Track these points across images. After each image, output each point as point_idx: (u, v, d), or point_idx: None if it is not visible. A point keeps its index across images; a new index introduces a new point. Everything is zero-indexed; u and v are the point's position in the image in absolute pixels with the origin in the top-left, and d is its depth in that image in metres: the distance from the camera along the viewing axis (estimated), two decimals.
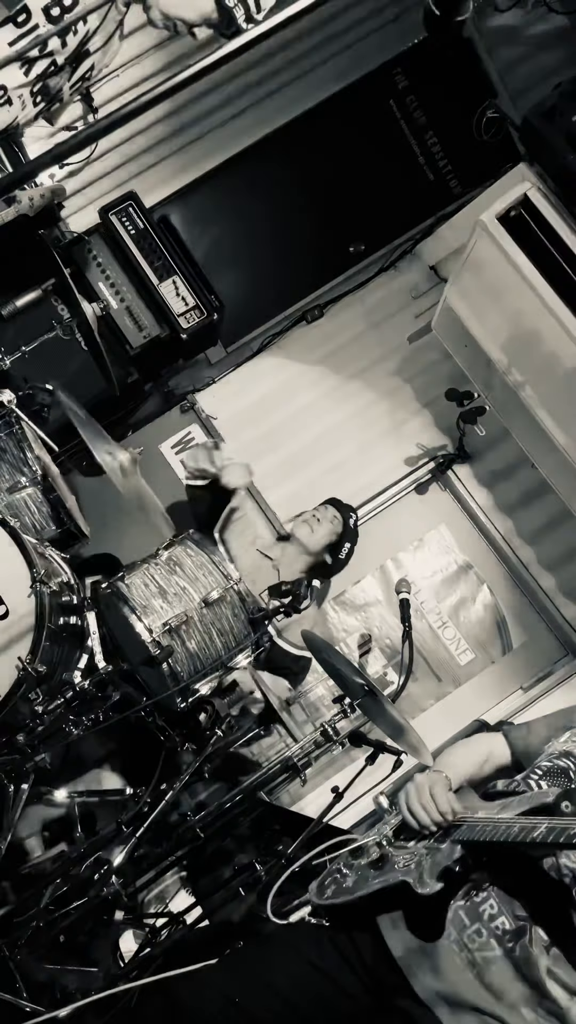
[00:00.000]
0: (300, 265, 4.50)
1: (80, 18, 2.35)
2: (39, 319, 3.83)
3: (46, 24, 2.30)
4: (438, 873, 1.64)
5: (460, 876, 1.66)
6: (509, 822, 1.58)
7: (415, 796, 1.82)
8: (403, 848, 1.78)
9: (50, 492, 3.24)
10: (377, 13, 4.53)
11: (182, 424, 4.55)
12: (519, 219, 3.46)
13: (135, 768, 3.46)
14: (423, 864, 1.68)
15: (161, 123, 4.38)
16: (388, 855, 1.76)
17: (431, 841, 1.76)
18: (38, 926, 2.70)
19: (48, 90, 2.48)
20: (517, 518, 4.47)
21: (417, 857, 1.72)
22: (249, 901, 2.93)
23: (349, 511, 3.97)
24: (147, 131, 4.37)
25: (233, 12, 2.32)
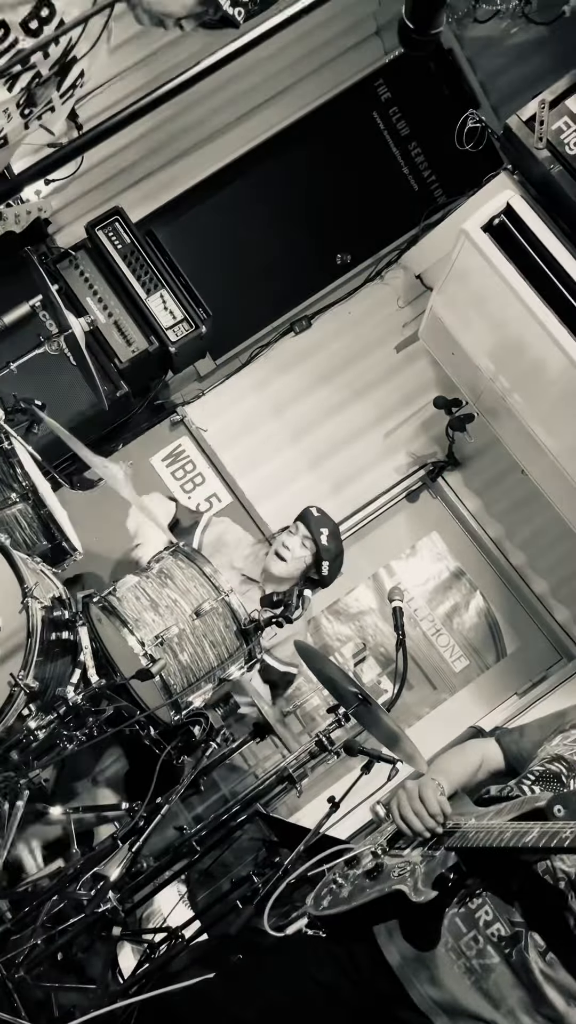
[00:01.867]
0: (287, 277, 4.53)
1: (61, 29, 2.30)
2: (27, 335, 3.84)
3: (25, 38, 2.25)
4: (432, 881, 1.64)
5: (455, 883, 1.65)
6: (502, 828, 1.58)
7: (406, 802, 1.82)
8: (398, 857, 1.78)
9: (40, 507, 3.24)
10: (359, 26, 4.57)
11: (172, 437, 4.56)
12: (502, 227, 3.49)
13: (130, 782, 3.45)
14: (417, 872, 1.68)
15: (146, 138, 4.40)
16: (383, 864, 1.76)
17: (425, 849, 1.76)
18: (35, 944, 2.68)
19: (34, 100, 2.46)
20: (508, 524, 4.48)
21: (412, 866, 1.71)
22: (247, 914, 2.91)
23: (320, 526, 3.58)
24: (132, 146, 4.39)
25: None
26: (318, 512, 3.61)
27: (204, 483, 4.52)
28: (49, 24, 2.26)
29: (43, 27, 2.25)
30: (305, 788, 3.68)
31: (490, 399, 4.01)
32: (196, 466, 4.53)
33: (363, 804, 3.76)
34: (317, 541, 3.51)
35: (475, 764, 2.01)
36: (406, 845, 1.80)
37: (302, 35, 4.50)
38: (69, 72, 2.46)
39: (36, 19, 2.22)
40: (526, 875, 1.64)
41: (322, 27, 4.49)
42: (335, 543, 3.59)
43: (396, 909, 1.69)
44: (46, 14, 2.22)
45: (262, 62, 4.47)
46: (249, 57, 1.84)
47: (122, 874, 2.86)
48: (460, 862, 1.66)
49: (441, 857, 1.68)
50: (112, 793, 3.47)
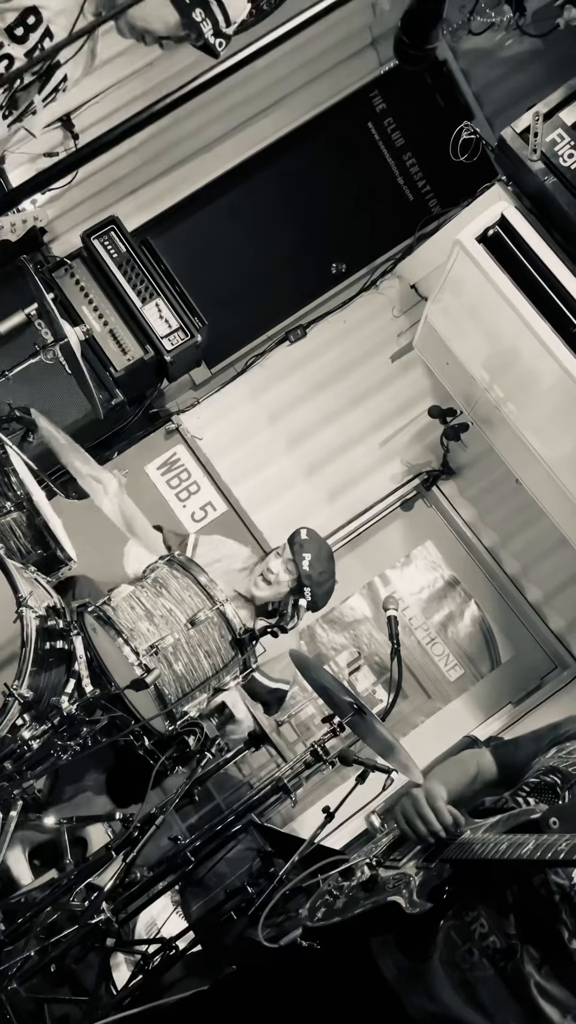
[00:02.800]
0: (282, 286, 4.54)
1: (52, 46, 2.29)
2: (22, 343, 3.84)
3: (11, 44, 2.25)
4: (428, 892, 1.63)
5: (450, 895, 1.65)
6: (497, 840, 1.58)
7: (412, 809, 1.81)
8: (393, 868, 1.78)
9: (35, 516, 3.23)
10: (355, 37, 4.60)
11: (167, 445, 4.56)
12: (496, 238, 3.51)
13: (124, 792, 3.44)
14: (413, 884, 1.68)
15: (142, 148, 4.42)
16: (378, 876, 1.76)
17: (421, 861, 1.75)
18: (29, 955, 2.66)
19: (16, 104, 2.45)
20: (502, 533, 4.49)
21: (407, 877, 1.71)
22: (241, 925, 2.90)
23: (304, 551, 3.43)
24: (128, 156, 4.41)
25: (201, 27, 2.29)
26: (307, 535, 3.50)
27: (199, 492, 4.52)
28: (35, 31, 2.25)
29: (29, 34, 2.24)
30: (300, 798, 3.68)
31: (484, 409, 4.03)
32: (191, 475, 4.53)
33: (358, 814, 3.75)
34: (299, 566, 3.40)
35: (471, 775, 2.01)
36: (401, 857, 1.79)
37: (298, 46, 4.53)
38: (52, 76, 2.45)
39: (22, 26, 2.21)
40: (521, 887, 1.64)
41: (318, 38, 4.52)
42: (320, 567, 3.45)
43: (391, 921, 1.69)
44: (32, 21, 2.22)
45: (258, 72, 4.49)
46: (245, 68, 1.86)
47: (116, 885, 2.85)
48: (455, 874, 1.66)
49: (436, 869, 1.68)
50: (107, 802, 3.46)
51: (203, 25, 2.26)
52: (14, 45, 2.23)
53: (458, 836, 1.75)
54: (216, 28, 2.29)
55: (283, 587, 3.45)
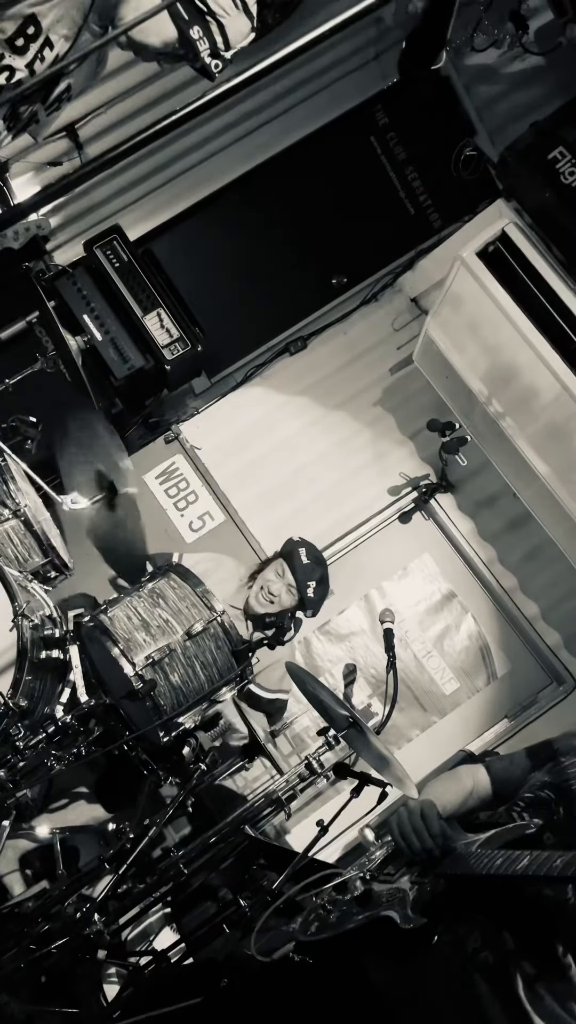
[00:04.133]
0: (283, 297, 4.55)
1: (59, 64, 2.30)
2: (23, 352, 3.85)
3: (11, 56, 2.25)
4: (422, 907, 1.63)
5: (444, 910, 1.65)
6: (492, 855, 1.58)
7: (407, 821, 1.82)
8: (387, 883, 1.77)
9: (33, 525, 3.24)
10: (358, 52, 4.62)
11: (166, 455, 4.56)
12: (497, 254, 3.53)
13: (118, 803, 3.43)
14: (407, 898, 1.67)
15: (145, 159, 4.43)
16: (372, 890, 1.75)
17: (415, 875, 1.75)
18: (19, 966, 2.65)
19: (19, 117, 2.46)
20: (500, 547, 4.49)
21: (402, 892, 1.71)
22: (233, 937, 2.89)
23: (308, 577, 3.48)
24: (131, 167, 4.42)
25: (197, 45, 2.29)
26: (307, 559, 3.54)
27: (197, 501, 4.52)
28: (35, 41, 2.25)
29: (29, 44, 2.24)
30: (293, 810, 3.67)
31: (483, 423, 4.04)
32: (190, 484, 4.53)
33: (352, 828, 3.75)
34: (303, 593, 3.48)
35: (467, 789, 2.00)
36: (395, 871, 1.79)
37: (302, 60, 4.54)
38: (56, 86, 2.45)
39: (22, 37, 2.21)
40: (515, 902, 1.63)
41: (321, 52, 4.55)
42: (322, 592, 3.55)
43: (385, 935, 1.68)
44: (31, 31, 2.22)
45: (262, 85, 4.51)
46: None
47: (107, 896, 2.84)
48: (450, 889, 1.66)
49: (431, 884, 1.67)
50: (100, 810, 3.45)
51: (200, 43, 2.26)
52: (15, 57, 2.23)
53: (451, 851, 1.74)
54: (214, 49, 2.29)
55: (284, 606, 3.50)
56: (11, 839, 3.02)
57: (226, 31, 2.24)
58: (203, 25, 2.20)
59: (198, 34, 2.20)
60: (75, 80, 2.52)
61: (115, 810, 3.43)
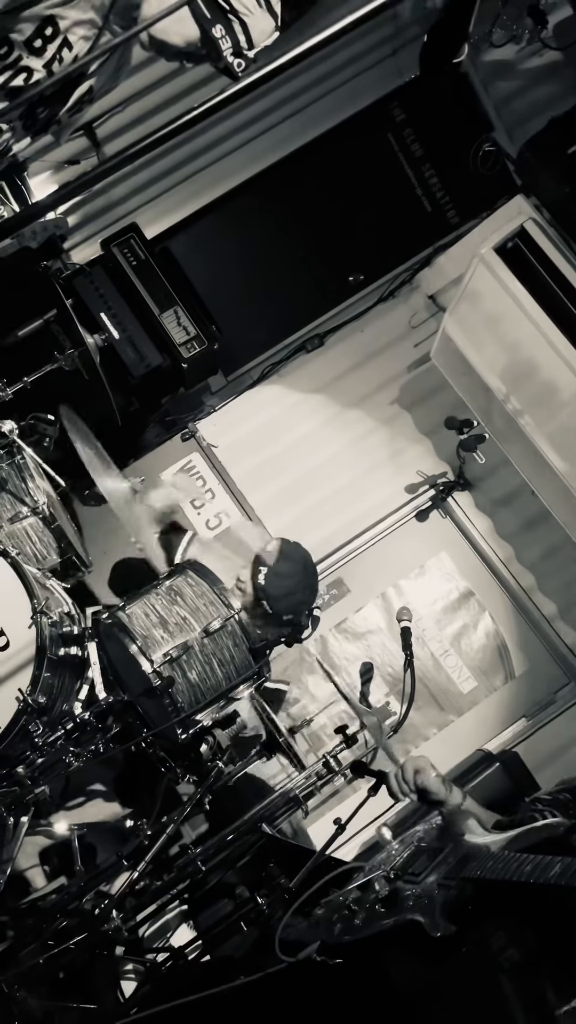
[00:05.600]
0: (300, 295, 4.54)
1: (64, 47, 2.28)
2: (41, 349, 3.86)
3: (29, 56, 2.25)
4: (451, 913, 1.62)
5: (473, 914, 1.63)
6: (520, 859, 1.56)
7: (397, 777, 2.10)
8: (412, 884, 1.76)
9: (51, 522, 3.25)
10: (375, 48, 4.61)
11: (183, 452, 4.56)
12: (516, 250, 3.51)
13: (136, 799, 3.44)
14: (435, 902, 1.66)
15: (162, 157, 4.44)
16: (398, 891, 1.74)
17: (441, 877, 1.73)
18: (38, 962, 2.66)
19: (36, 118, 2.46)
20: (518, 545, 4.47)
21: (428, 895, 1.69)
22: (251, 935, 2.89)
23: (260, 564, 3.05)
24: (148, 165, 4.43)
25: (219, 44, 2.27)
26: (272, 547, 3.13)
27: (214, 499, 4.52)
28: (53, 42, 2.24)
29: (47, 45, 2.23)
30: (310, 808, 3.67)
31: (501, 420, 4.02)
32: (206, 482, 4.54)
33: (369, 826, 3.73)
34: (254, 580, 3.03)
35: None
36: (420, 871, 1.78)
37: (318, 58, 4.54)
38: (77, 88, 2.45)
39: (40, 38, 2.21)
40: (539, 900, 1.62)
41: (339, 49, 4.54)
42: (280, 581, 3.04)
43: (410, 937, 1.67)
44: (50, 32, 2.21)
45: (279, 82, 4.51)
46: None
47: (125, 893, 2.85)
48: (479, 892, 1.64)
49: (458, 887, 1.66)
50: (118, 807, 3.46)
51: (222, 42, 2.25)
52: (32, 58, 2.23)
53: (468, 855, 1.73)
54: (236, 48, 2.27)
55: (248, 597, 3.08)
56: (29, 835, 3.02)
57: (249, 30, 2.23)
58: (226, 24, 2.19)
59: (220, 33, 2.19)
60: (97, 82, 2.52)
61: (132, 807, 3.43)
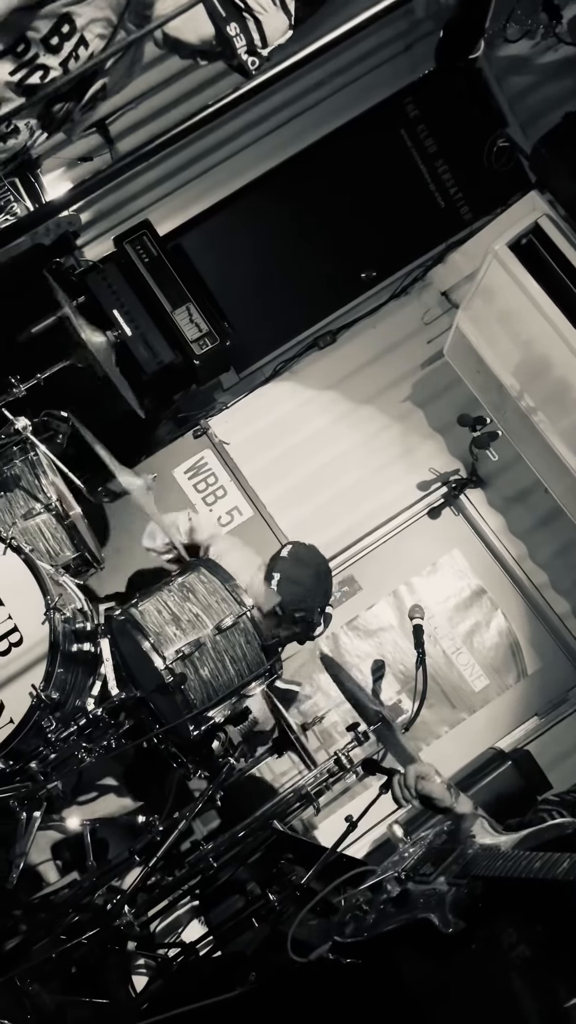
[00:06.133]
0: (312, 292, 4.53)
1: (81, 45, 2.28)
2: (54, 346, 3.86)
3: (46, 54, 2.25)
4: (461, 910, 1.62)
5: (484, 911, 1.63)
6: (530, 857, 1.56)
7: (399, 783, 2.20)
8: (424, 883, 1.76)
9: (64, 518, 3.26)
10: (388, 44, 4.59)
11: (195, 449, 4.56)
12: (530, 247, 3.49)
13: (148, 795, 3.45)
14: (445, 900, 1.66)
15: (174, 154, 4.43)
16: (409, 891, 1.74)
17: (452, 876, 1.74)
18: (50, 956, 2.67)
19: (53, 116, 2.46)
20: (530, 543, 4.45)
21: (439, 894, 1.69)
22: (263, 931, 2.89)
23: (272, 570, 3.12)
24: (161, 162, 4.42)
25: (234, 41, 2.27)
26: (287, 552, 3.21)
27: (226, 496, 4.52)
28: (69, 40, 2.25)
29: (63, 43, 2.24)
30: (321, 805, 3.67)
31: (514, 417, 4.00)
32: (218, 479, 4.54)
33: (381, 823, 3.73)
34: (267, 585, 3.08)
35: None
36: (432, 871, 1.78)
37: (331, 54, 4.51)
38: (92, 86, 2.45)
39: (56, 35, 2.21)
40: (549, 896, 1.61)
41: (351, 45, 4.52)
42: (291, 589, 3.08)
43: (421, 935, 1.67)
44: (66, 30, 2.21)
45: (291, 78, 4.48)
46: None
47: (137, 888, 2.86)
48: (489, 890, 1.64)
49: (469, 886, 1.66)
50: (130, 802, 3.47)
51: (236, 40, 2.25)
52: (49, 55, 2.23)
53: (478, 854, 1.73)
54: (251, 46, 2.27)
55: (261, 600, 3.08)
56: (42, 830, 3.04)
57: (263, 28, 2.23)
58: (240, 22, 2.19)
59: (235, 31, 2.19)
60: (111, 79, 2.52)
61: (144, 803, 3.44)
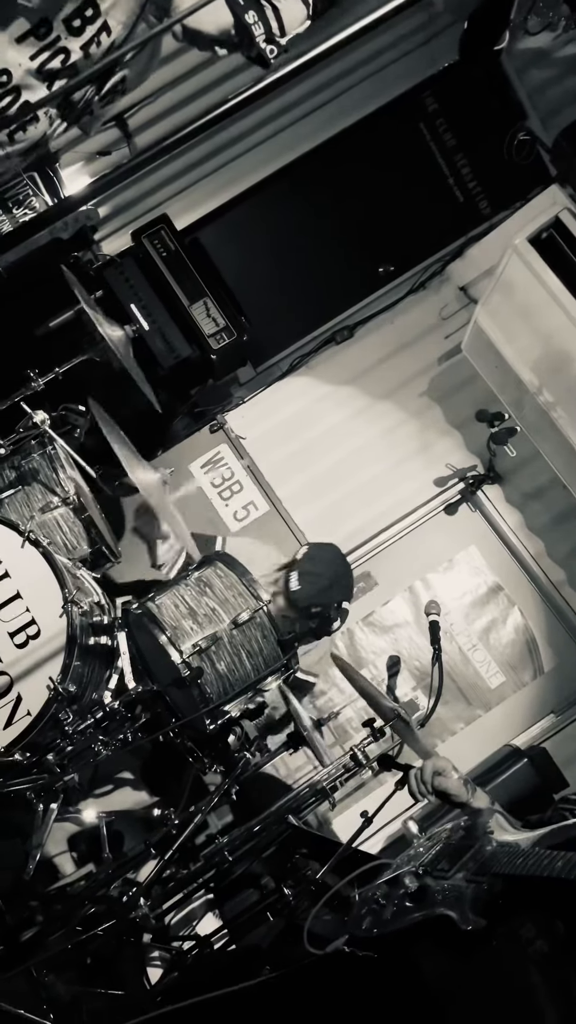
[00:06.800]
0: (330, 286, 4.52)
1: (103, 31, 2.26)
2: (72, 340, 3.88)
3: (68, 37, 2.24)
4: (481, 908, 1.61)
5: (503, 908, 1.63)
6: (551, 855, 1.55)
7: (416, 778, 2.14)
8: (442, 879, 1.76)
9: (82, 512, 3.27)
10: (407, 37, 4.56)
11: (211, 444, 4.56)
12: (550, 241, 3.47)
13: (163, 788, 3.46)
14: (465, 897, 1.65)
15: (192, 148, 4.43)
16: (427, 886, 1.74)
17: (471, 873, 1.73)
18: (66, 947, 2.69)
19: (74, 105, 2.45)
20: (548, 539, 4.43)
21: (458, 890, 1.69)
22: (277, 925, 2.90)
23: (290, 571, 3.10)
24: (178, 156, 4.42)
25: (252, 30, 2.25)
26: (304, 553, 3.21)
27: (242, 491, 4.52)
28: (92, 24, 2.23)
29: (86, 26, 2.22)
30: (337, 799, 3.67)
31: (533, 413, 3.97)
32: (234, 473, 4.53)
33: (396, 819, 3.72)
34: (287, 583, 3.08)
35: None
36: (450, 867, 1.77)
37: (350, 47, 4.49)
38: (111, 77, 2.44)
39: (80, 18, 2.19)
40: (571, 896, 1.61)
41: (370, 38, 4.49)
42: (307, 588, 3.07)
43: (439, 931, 1.67)
44: (90, 13, 2.20)
45: (310, 71, 4.47)
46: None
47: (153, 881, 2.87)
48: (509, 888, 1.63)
49: (489, 883, 1.65)
50: (146, 796, 3.48)
51: (255, 28, 2.23)
52: (71, 38, 2.22)
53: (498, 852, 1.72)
54: (269, 34, 2.25)
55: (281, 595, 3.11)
56: (58, 821, 3.06)
57: (281, 16, 2.21)
58: (258, 10, 2.17)
59: (253, 19, 2.17)
60: (130, 72, 2.51)
61: (160, 796, 3.46)
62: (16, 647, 2.81)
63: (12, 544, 2.89)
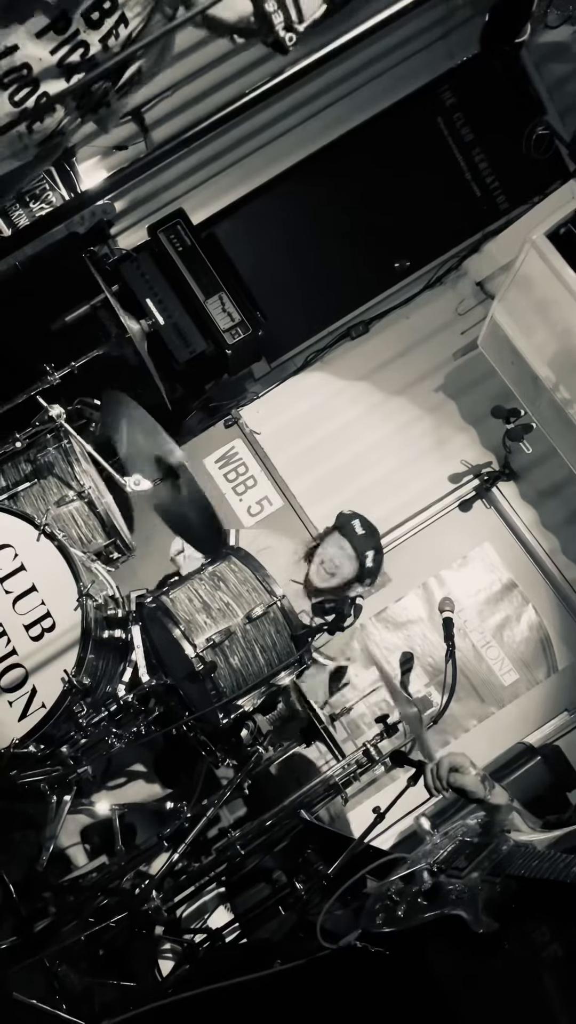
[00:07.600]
0: (345, 281, 4.51)
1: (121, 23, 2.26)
2: (88, 334, 3.89)
3: (87, 30, 2.24)
4: (495, 910, 1.61)
5: (516, 911, 1.62)
6: (568, 860, 1.55)
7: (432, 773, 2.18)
8: (456, 877, 1.75)
9: (97, 506, 3.27)
10: (425, 31, 4.53)
11: (226, 439, 4.57)
12: (569, 236, 3.44)
13: (176, 782, 3.47)
14: (478, 898, 1.65)
15: (208, 142, 4.42)
16: (441, 884, 1.73)
17: (486, 873, 1.72)
18: (79, 939, 2.71)
19: (91, 96, 2.45)
20: (563, 537, 4.41)
21: (472, 890, 1.68)
22: (289, 920, 2.90)
23: (365, 547, 3.46)
24: (195, 150, 4.42)
25: (271, 17, 2.25)
26: (362, 529, 3.51)
27: (256, 486, 4.52)
28: (111, 16, 2.22)
29: (104, 19, 2.21)
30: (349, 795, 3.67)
31: (549, 409, 3.95)
32: (248, 468, 4.54)
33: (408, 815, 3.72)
34: (362, 563, 3.44)
35: None
36: (465, 866, 1.77)
37: (367, 41, 4.47)
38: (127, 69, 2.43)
39: (98, 10, 2.19)
40: None
41: (388, 31, 4.47)
42: (378, 560, 3.51)
43: (451, 929, 1.67)
44: (108, 6, 2.19)
45: (327, 66, 4.45)
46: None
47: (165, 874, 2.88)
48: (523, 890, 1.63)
49: (503, 885, 1.64)
50: (159, 788, 3.49)
51: (274, 16, 2.22)
52: (90, 31, 2.21)
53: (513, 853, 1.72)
54: (288, 22, 2.25)
55: (345, 578, 3.46)
56: (72, 813, 3.07)
57: (300, 2, 2.21)
58: None
59: (273, 6, 2.17)
60: (144, 63, 2.50)
61: (172, 789, 3.46)
62: (31, 640, 2.83)
63: (28, 537, 2.91)
